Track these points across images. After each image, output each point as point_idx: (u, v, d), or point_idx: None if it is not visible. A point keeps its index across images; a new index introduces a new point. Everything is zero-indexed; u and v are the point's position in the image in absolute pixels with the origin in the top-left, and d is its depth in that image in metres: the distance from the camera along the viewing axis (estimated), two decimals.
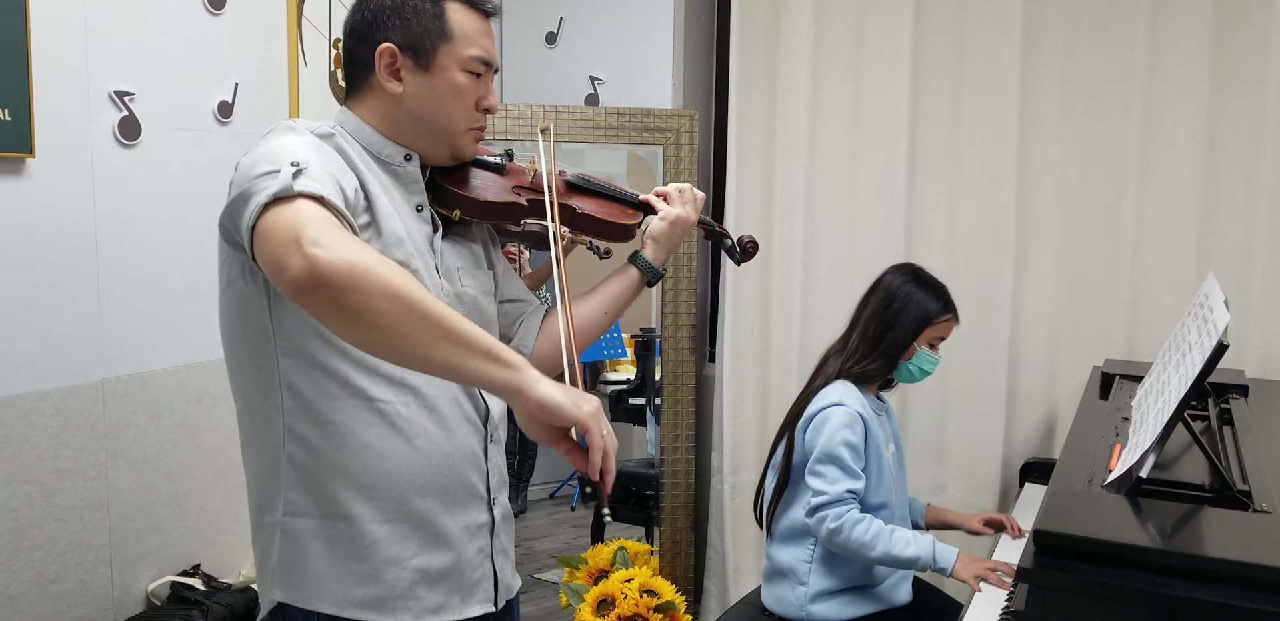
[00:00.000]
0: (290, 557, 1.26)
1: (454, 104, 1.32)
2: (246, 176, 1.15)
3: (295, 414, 1.25)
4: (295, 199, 1.09)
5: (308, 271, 1.01)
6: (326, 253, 1.01)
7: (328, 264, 1.01)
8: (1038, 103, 2.53)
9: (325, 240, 1.03)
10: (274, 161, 1.14)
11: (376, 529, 1.26)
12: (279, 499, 1.27)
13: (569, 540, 3.63)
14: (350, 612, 1.26)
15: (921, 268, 2.10)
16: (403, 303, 1.03)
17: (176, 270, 2.19)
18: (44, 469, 1.93)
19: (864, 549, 1.85)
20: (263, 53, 2.39)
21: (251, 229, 1.09)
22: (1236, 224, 2.37)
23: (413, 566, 1.28)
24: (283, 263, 1.03)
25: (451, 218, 1.39)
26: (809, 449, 1.94)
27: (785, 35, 2.70)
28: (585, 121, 2.76)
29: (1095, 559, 1.20)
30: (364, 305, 1.02)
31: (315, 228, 1.04)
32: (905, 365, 2.03)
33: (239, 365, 1.29)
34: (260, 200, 1.08)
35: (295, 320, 1.22)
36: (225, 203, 1.18)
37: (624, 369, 3.77)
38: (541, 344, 1.51)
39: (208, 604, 2.10)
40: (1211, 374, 1.36)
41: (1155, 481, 1.43)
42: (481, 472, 1.37)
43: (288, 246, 1.03)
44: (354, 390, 1.24)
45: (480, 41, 1.32)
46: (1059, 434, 2.58)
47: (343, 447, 1.25)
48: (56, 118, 1.91)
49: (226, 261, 1.26)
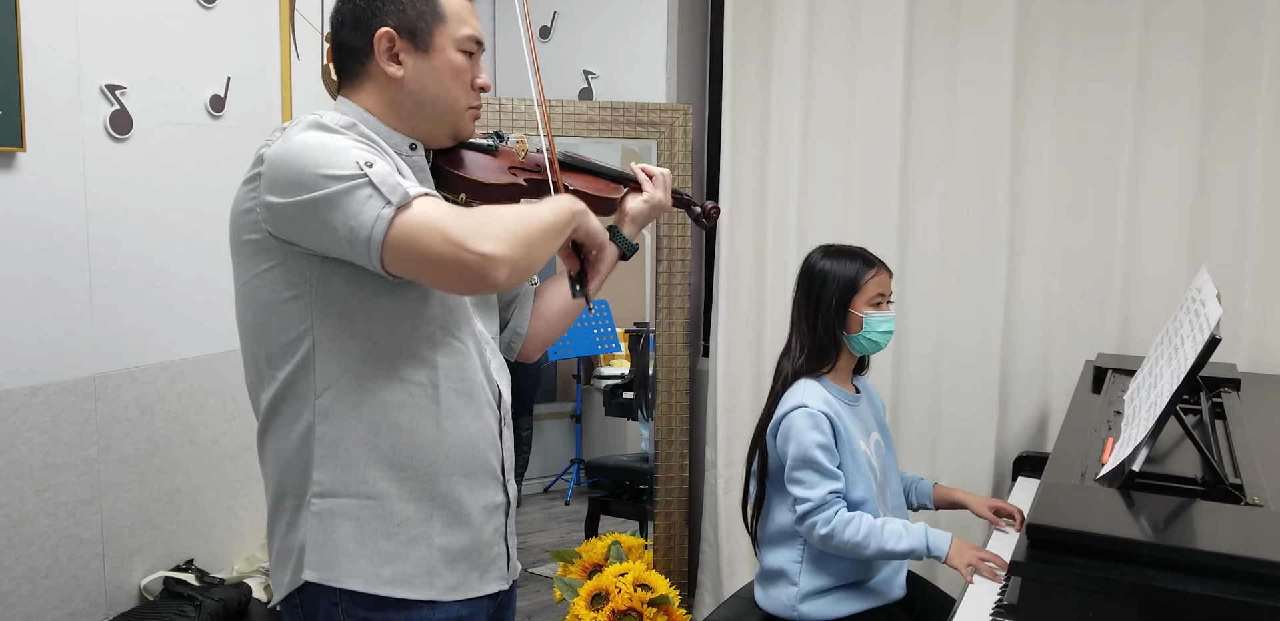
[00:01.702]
0: (320, 538, 1.29)
1: (454, 83, 1.36)
2: (307, 175, 1.17)
3: (329, 393, 1.28)
4: (411, 204, 1.17)
5: (496, 268, 1.15)
6: (493, 242, 1.15)
7: (503, 250, 1.16)
8: (1031, 97, 2.53)
9: (475, 233, 1.15)
10: (338, 163, 1.17)
11: (405, 507, 1.30)
12: (308, 481, 1.29)
13: (563, 534, 3.63)
14: (379, 589, 1.29)
15: (833, 243, 2.03)
16: (546, 232, 1.25)
17: (168, 265, 2.18)
18: (35, 464, 1.93)
19: (859, 548, 1.84)
20: (255, 47, 2.38)
21: (383, 242, 1.16)
22: (1229, 218, 2.38)
23: (437, 544, 1.32)
24: (469, 272, 1.15)
25: (457, 202, 1.41)
26: (782, 455, 1.93)
27: (779, 29, 2.70)
28: (579, 115, 2.75)
29: (1088, 552, 1.20)
30: (537, 257, 1.22)
31: (458, 225, 1.16)
32: (859, 336, 1.95)
33: (268, 356, 1.30)
34: (382, 214, 1.15)
35: (336, 302, 1.26)
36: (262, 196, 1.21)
37: (618, 363, 3.78)
38: (534, 323, 1.58)
39: (200, 599, 2.10)
40: (1204, 368, 1.37)
41: (1148, 475, 1.44)
42: (498, 453, 1.41)
43: (458, 257, 1.15)
44: (388, 371, 1.29)
45: (470, 21, 1.37)
46: (1051, 427, 2.59)
47: (376, 426, 1.29)
48: (47, 111, 1.91)
49: (261, 252, 1.26)
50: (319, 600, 1.31)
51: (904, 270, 2.66)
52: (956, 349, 2.63)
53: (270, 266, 1.26)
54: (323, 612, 1.30)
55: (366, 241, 1.15)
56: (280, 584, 1.34)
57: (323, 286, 1.25)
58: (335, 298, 1.26)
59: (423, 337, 1.30)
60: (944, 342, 2.65)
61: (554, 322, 1.58)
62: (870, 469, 1.96)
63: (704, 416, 2.90)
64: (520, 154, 1.50)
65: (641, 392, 3.22)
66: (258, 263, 1.27)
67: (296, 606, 1.33)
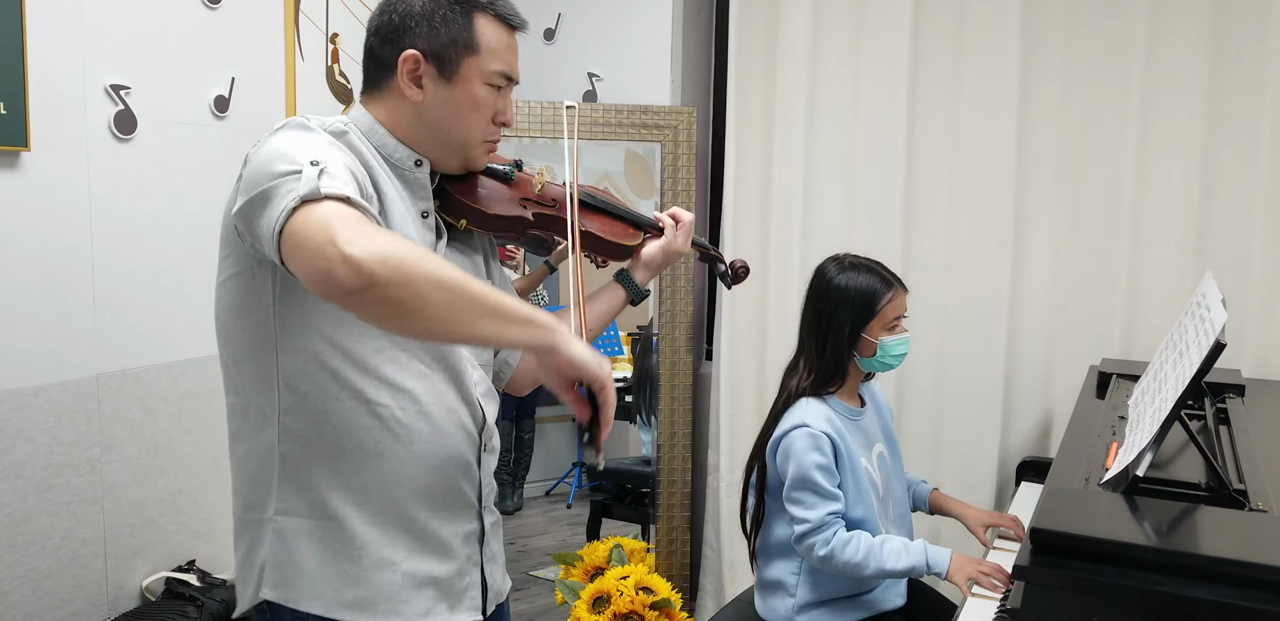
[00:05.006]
0: (280, 556, 1.25)
1: (472, 116, 1.31)
2: (263, 173, 1.12)
3: (292, 412, 1.24)
4: (321, 201, 1.06)
5: (354, 274, 0.99)
6: (366, 252, 0.99)
7: (372, 263, 0.99)
8: (1036, 103, 2.53)
9: (360, 239, 1.01)
10: (293, 160, 1.11)
11: (367, 531, 1.26)
12: (270, 497, 1.26)
13: (565, 537, 3.63)
14: (339, 614, 1.25)
15: (846, 255, 1.96)
16: (449, 288, 1.04)
17: (172, 265, 2.18)
18: (38, 464, 1.93)
19: (858, 568, 1.83)
20: (260, 47, 2.38)
21: (279, 233, 1.06)
22: (1234, 223, 2.38)
23: (402, 570, 1.27)
24: (324, 269, 1.00)
25: (457, 226, 1.37)
26: (781, 473, 1.91)
27: (784, 32, 2.70)
28: (583, 118, 2.75)
29: (1092, 557, 1.20)
30: (414, 297, 1.02)
31: (348, 228, 1.02)
32: (872, 360, 1.92)
33: (235, 359, 1.28)
34: (287, 204, 1.06)
35: (299, 317, 1.22)
36: (236, 197, 1.16)
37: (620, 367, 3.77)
38: (526, 356, 1.51)
39: (202, 599, 2.10)
40: (1208, 373, 1.37)
41: (1152, 480, 1.43)
42: (473, 481, 1.36)
43: (323, 252, 1.00)
44: (354, 392, 1.23)
45: (505, 56, 1.32)
46: (1055, 433, 2.58)
47: (338, 448, 1.24)
48: (52, 111, 1.91)
49: (231, 255, 1.24)
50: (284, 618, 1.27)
51: (908, 275, 2.63)
52: (961, 354, 2.63)
53: (240, 270, 1.23)
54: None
55: (271, 231, 1.07)
56: (243, 596, 1.30)
57: (285, 297, 1.21)
58: (297, 311, 1.21)
59: (388, 359, 1.25)
60: (948, 348, 2.65)
61: None
62: (872, 486, 1.94)
63: (707, 420, 2.90)
64: (538, 185, 1.44)
65: (644, 396, 3.21)
66: (229, 266, 1.25)
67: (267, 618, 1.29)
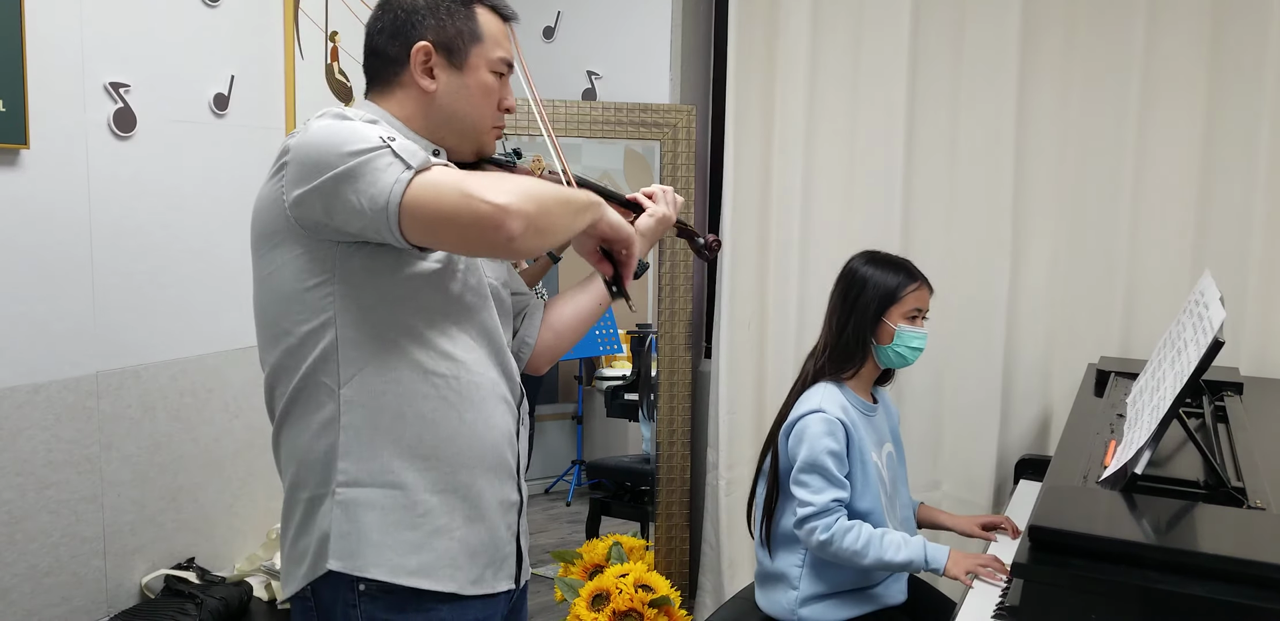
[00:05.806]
0: (345, 527, 1.29)
1: (483, 102, 1.40)
2: (333, 154, 1.18)
3: (353, 384, 1.29)
4: (430, 168, 1.18)
5: (514, 219, 1.14)
6: (510, 197, 1.14)
7: (521, 204, 1.15)
8: (1035, 101, 2.53)
9: (492, 189, 1.15)
10: (365, 138, 1.19)
11: (429, 498, 1.32)
12: (332, 470, 1.30)
13: (564, 535, 3.63)
14: (403, 579, 1.30)
15: (879, 250, 2.04)
16: (562, 201, 1.25)
17: (171, 263, 2.19)
18: (38, 461, 1.93)
19: (856, 557, 1.83)
20: (259, 45, 2.38)
21: (399, 205, 1.16)
22: (1232, 221, 2.37)
23: (458, 537, 1.34)
24: (489, 224, 1.14)
25: None
26: (792, 457, 1.92)
27: (783, 30, 2.70)
28: (582, 116, 2.75)
29: (1090, 554, 1.20)
30: (551, 221, 1.22)
31: (477, 184, 1.16)
32: (889, 348, 1.95)
33: (288, 343, 1.31)
34: (400, 176, 1.16)
35: (356, 295, 1.28)
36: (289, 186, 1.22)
37: (620, 365, 3.77)
38: (544, 334, 1.58)
39: (202, 597, 2.10)
40: (1206, 371, 1.37)
41: (1150, 478, 1.43)
42: (514, 451, 1.43)
43: (477, 209, 1.14)
44: (412, 362, 1.30)
45: (505, 44, 1.41)
46: (1054, 430, 2.58)
47: (400, 417, 1.30)
48: (51, 109, 1.91)
49: (283, 245, 1.28)
50: (336, 601, 1.30)
51: None
52: (959, 351, 2.63)
53: (294, 256, 1.27)
54: (340, 614, 1.30)
55: (385, 206, 1.16)
56: (294, 577, 1.33)
57: (345, 275, 1.27)
58: (356, 288, 1.27)
59: (441, 332, 1.32)
60: (947, 345, 2.65)
61: (563, 335, 1.58)
62: (880, 481, 1.95)
63: (706, 418, 2.90)
64: (536, 172, 1.52)
65: (643, 394, 3.22)
66: (281, 254, 1.28)
67: (310, 605, 1.32)
